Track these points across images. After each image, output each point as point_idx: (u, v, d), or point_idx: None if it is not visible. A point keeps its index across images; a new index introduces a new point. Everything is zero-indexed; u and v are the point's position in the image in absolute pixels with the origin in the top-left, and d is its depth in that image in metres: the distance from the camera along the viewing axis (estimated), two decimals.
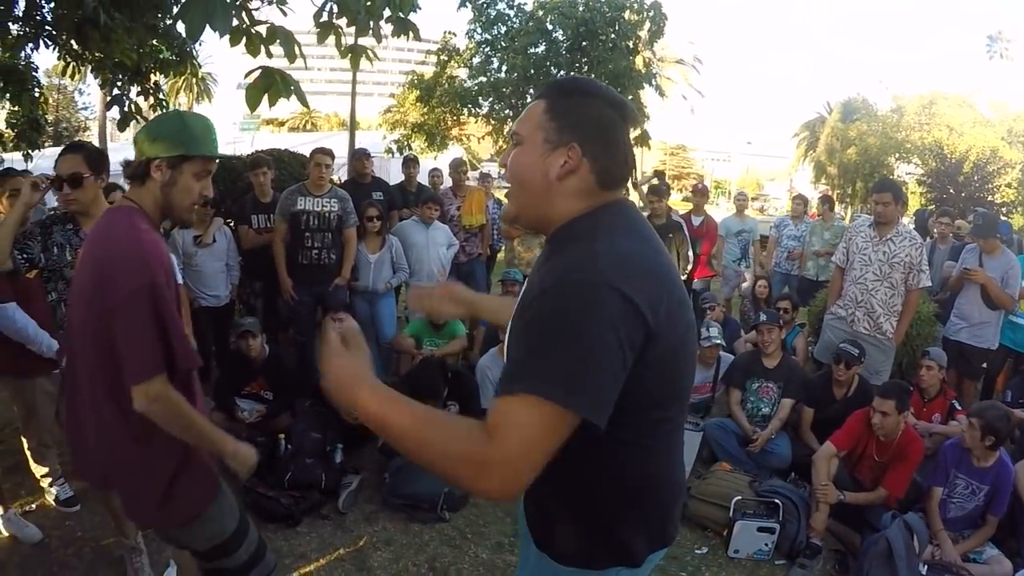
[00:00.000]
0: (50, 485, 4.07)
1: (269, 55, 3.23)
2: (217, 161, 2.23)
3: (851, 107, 32.17)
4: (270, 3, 3.49)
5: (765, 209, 38.64)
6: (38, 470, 4.02)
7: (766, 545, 3.84)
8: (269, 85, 3.01)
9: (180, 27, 7.04)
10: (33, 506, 4.07)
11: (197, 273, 5.30)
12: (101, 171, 3.11)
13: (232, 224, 5.88)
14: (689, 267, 7.05)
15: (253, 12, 3.20)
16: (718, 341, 5.33)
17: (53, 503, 4.06)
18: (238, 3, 2.96)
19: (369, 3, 3.30)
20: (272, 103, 3.20)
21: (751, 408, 4.99)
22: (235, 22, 2.97)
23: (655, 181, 11.60)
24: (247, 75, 3.06)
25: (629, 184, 7.39)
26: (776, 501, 3.92)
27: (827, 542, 3.96)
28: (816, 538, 3.84)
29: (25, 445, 4.02)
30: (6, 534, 3.76)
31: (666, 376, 1.39)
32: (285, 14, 3.54)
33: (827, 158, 31.97)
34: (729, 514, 3.90)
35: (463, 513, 4.12)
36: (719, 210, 14.52)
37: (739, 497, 3.94)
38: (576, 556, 1.52)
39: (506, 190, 1.73)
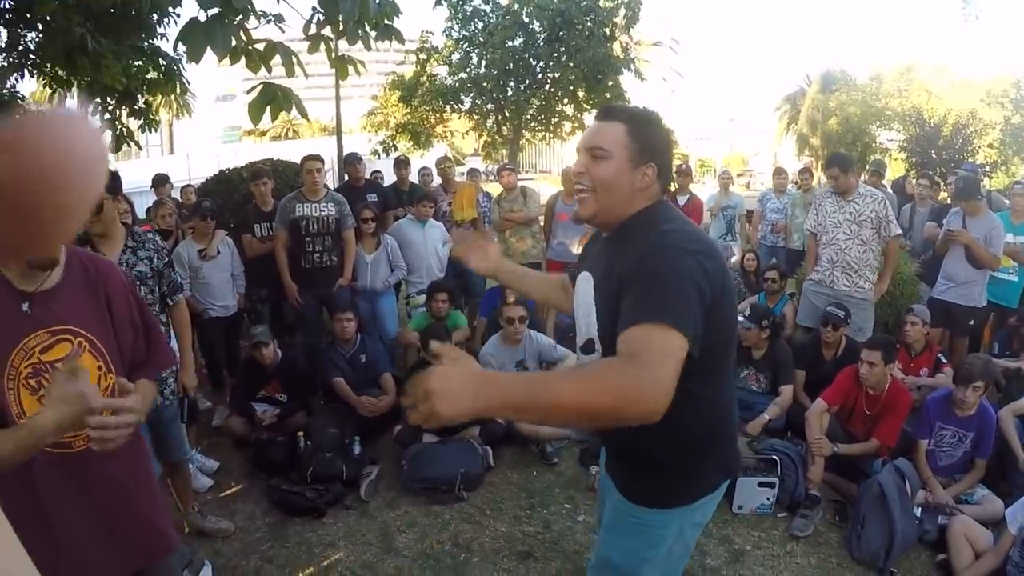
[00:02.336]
0: None
1: (268, 70, 3.35)
2: None
3: (830, 78, 32.22)
4: (268, 21, 3.62)
5: (751, 184, 38.68)
6: None
7: (768, 499, 4.04)
8: (271, 99, 3.14)
9: (166, 47, 7.27)
10: None
11: (204, 285, 5.44)
12: (117, 192, 3.25)
13: (234, 234, 6.03)
14: None
15: (251, 31, 3.32)
16: None
17: None
18: (235, 23, 3.09)
19: (360, 12, 3.42)
20: (274, 117, 3.34)
21: (739, 388, 5.13)
22: (233, 42, 3.10)
23: None
24: (248, 91, 3.19)
25: None
26: (774, 457, 4.12)
27: (825, 493, 4.16)
28: (814, 489, 4.03)
29: None
30: None
31: (724, 335, 1.76)
32: (283, 31, 3.66)
33: (809, 130, 32.01)
34: None
35: (480, 492, 4.31)
36: (705, 188, 14.62)
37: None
38: (662, 497, 1.89)
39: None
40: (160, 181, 8.50)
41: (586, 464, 4.52)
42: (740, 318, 5.07)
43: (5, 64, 7.07)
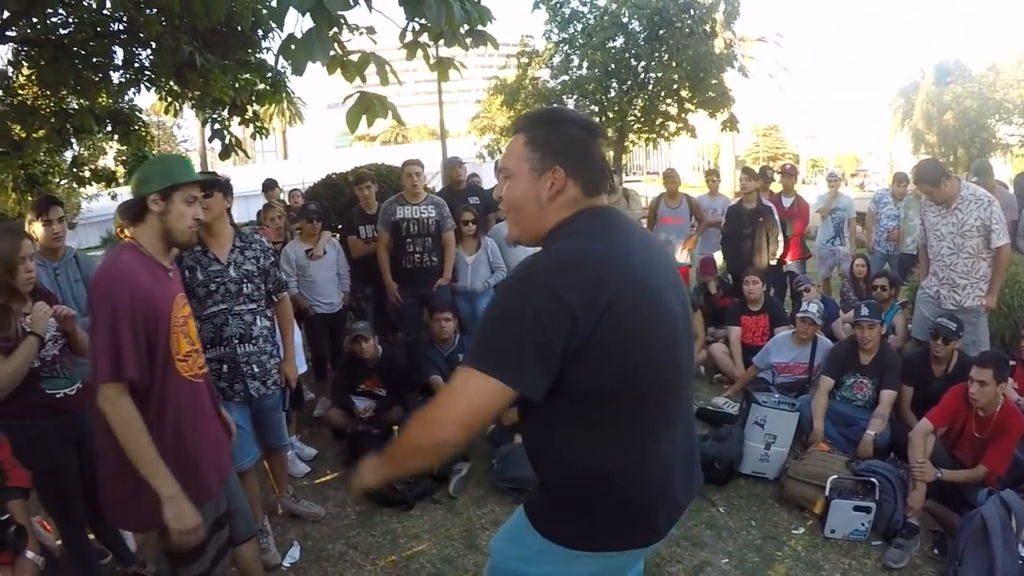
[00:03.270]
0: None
1: (363, 80, 3.46)
2: (200, 187, 2.53)
3: (944, 69, 30.53)
4: (360, 33, 3.75)
5: (865, 185, 37.03)
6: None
7: (863, 525, 3.80)
8: (367, 108, 3.24)
9: (271, 59, 7.64)
10: None
11: (311, 283, 5.68)
12: (228, 192, 3.49)
13: (341, 236, 6.28)
14: (779, 250, 7.02)
15: (345, 43, 3.44)
16: (811, 316, 5.31)
17: None
18: (331, 35, 3.21)
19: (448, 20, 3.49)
20: (370, 124, 3.45)
21: (843, 397, 4.93)
22: (332, 53, 3.22)
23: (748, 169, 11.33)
24: (344, 100, 3.31)
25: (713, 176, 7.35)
26: (872, 480, 3.87)
27: (924, 522, 3.87)
28: (913, 518, 3.77)
29: None
30: None
31: (615, 366, 1.51)
32: (375, 43, 3.79)
33: (925, 125, 30.51)
34: (825, 494, 3.88)
35: None
36: (817, 190, 14.07)
37: (835, 476, 3.93)
38: (543, 525, 1.70)
39: None
40: (269, 185, 8.90)
41: None
42: (860, 317, 4.84)
43: (123, 80, 7.65)
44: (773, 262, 7.04)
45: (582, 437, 1.58)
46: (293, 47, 2.92)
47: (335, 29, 3.22)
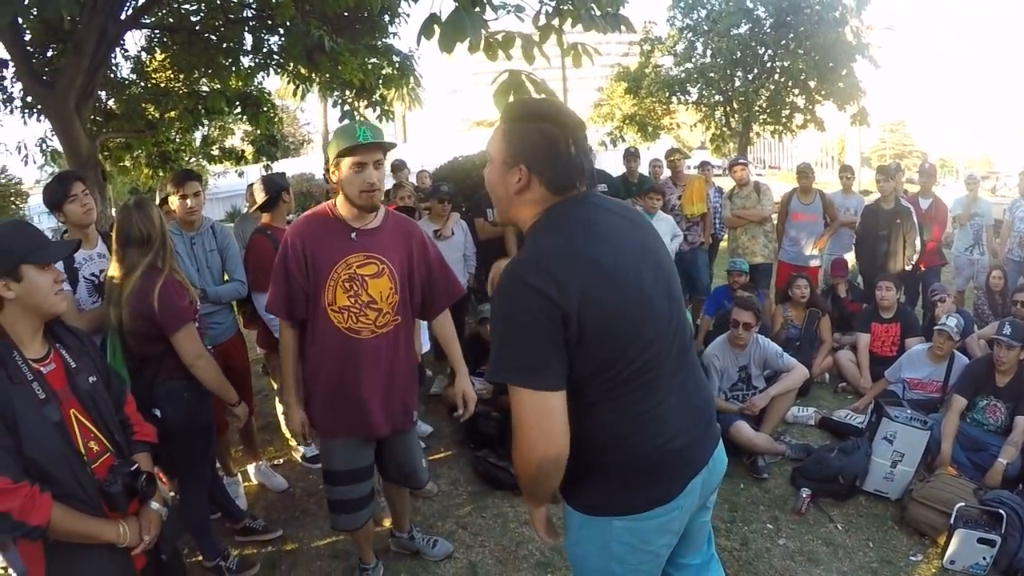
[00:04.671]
0: (298, 444, 4.67)
1: (508, 58, 3.44)
2: (378, 152, 2.66)
3: None
4: (508, 12, 3.72)
5: (997, 190, 34.61)
6: (288, 430, 4.63)
7: (984, 559, 3.52)
8: (516, 86, 3.22)
9: (399, 45, 7.82)
10: (281, 460, 4.81)
11: None
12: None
13: (467, 217, 6.33)
14: (915, 256, 6.63)
15: (489, 22, 3.41)
16: (949, 330, 4.95)
17: (300, 460, 4.77)
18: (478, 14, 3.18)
19: (594, 1, 3.41)
20: None
21: (973, 420, 4.58)
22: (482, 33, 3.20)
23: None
24: (494, 80, 3.29)
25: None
26: (1001, 512, 3.60)
27: None
28: None
29: (278, 410, 4.71)
30: (256, 482, 4.48)
31: (603, 348, 1.60)
32: (523, 20, 3.76)
33: None
34: (950, 521, 3.64)
35: None
36: (946, 192, 13.28)
37: (962, 504, 3.68)
38: (572, 500, 1.83)
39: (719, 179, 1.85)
40: (399, 167, 9.07)
41: (797, 485, 4.25)
42: (1001, 335, 4.49)
43: (252, 65, 7.98)
44: (908, 268, 6.66)
45: (584, 409, 1.65)
46: (440, 27, 2.92)
47: (477, 8, 3.18)
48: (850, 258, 7.32)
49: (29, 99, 7.88)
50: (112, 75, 8.60)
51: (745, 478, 4.44)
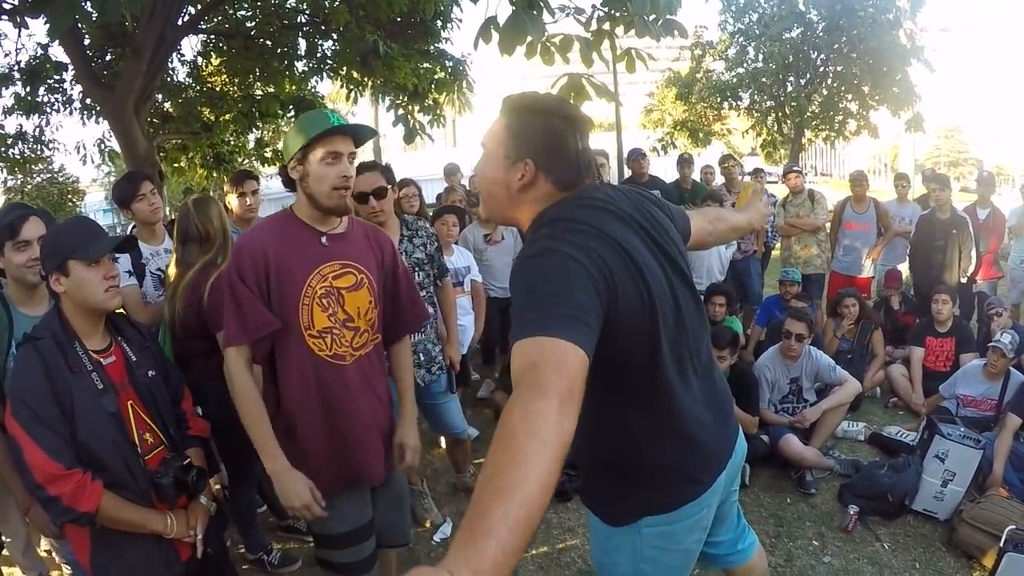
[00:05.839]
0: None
1: (566, 62, 3.44)
2: (344, 139, 2.20)
3: None
4: (567, 15, 3.73)
5: None
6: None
7: None
8: (577, 90, 3.23)
9: (451, 50, 7.89)
10: None
11: (487, 267, 5.77)
12: (394, 183, 3.50)
13: None
14: (971, 267, 6.47)
15: (546, 25, 3.42)
16: (1003, 347, 4.80)
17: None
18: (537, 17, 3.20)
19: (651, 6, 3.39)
20: (579, 106, 3.41)
21: None
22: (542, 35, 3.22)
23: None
24: (554, 84, 3.30)
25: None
26: None
27: None
28: None
29: None
30: None
31: (632, 339, 1.51)
32: (580, 23, 3.77)
33: None
34: (999, 544, 3.52)
35: None
36: (1003, 201, 12.90)
37: (1013, 527, 3.56)
38: (599, 509, 1.76)
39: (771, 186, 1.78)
40: (451, 171, 9.16)
41: (844, 502, 4.18)
42: None
43: (306, 69, 8.15)
44: (963, 280, 6.51)
45: (610, 414, 1.59)
46: (498, 30, 2.94)
47: (534, 11, 3.20)
48: (903, 268, 7.18)
49: (88, 101, 8.15)
50: (169, 79, 8.89)
51: (792, 492, 4.38)
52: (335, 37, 7.45)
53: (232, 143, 10.45)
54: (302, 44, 8.10)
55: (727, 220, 2.27)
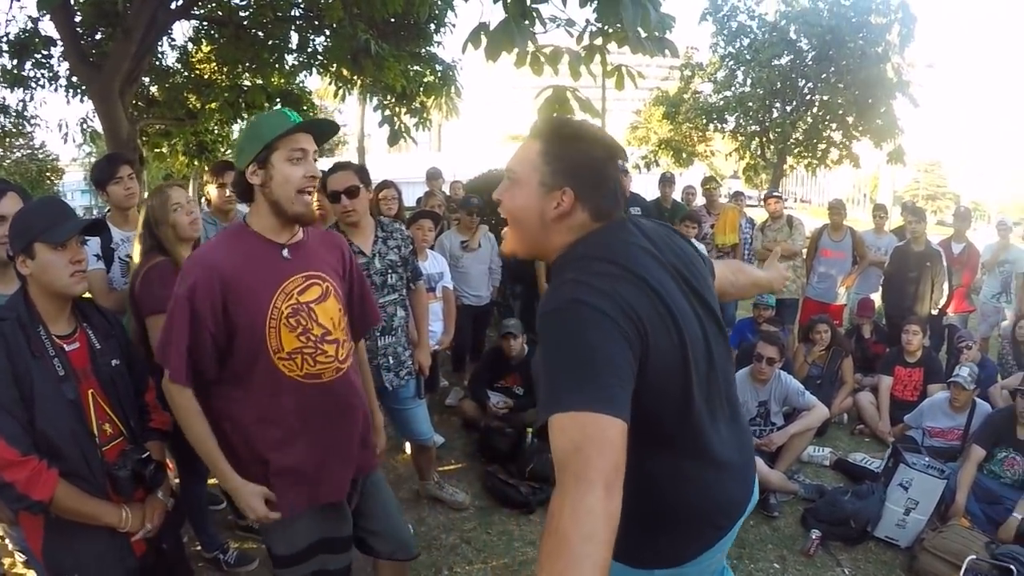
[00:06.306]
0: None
1: (556, 73, 3.43)
2: (307, 136, 2.05)
3: None
4: (558, 26, 3.73)
5: None
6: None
7: None
8: (561, 102, 3.22)
9: (442, 53, 7.88)
10: None
11: (463, 275, 5.79)
12: (368, 184, 3.47)
13: (496, 230, 6.34)
14: (943, 300, 6.57)
15: (537, 35, 3.42)
16: (961, 381, 4.87)
17: None
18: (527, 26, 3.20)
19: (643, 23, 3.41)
20: None
21: (990, 472, 4.50)
22: (529, 45, 3.22)
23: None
24: (538, 95, 3.30)
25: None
26: (1011, 567, 3.53)
27: None
28: None
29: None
30: None
31: (664, 389, 1.44)
32: (572, 35, 3.77)
33: None
34: (960, 573, 3.59)
35: None
36: (978, 236, 13.10)
37: (973, 557, 3.63)
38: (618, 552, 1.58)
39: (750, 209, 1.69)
40: (434, 175, 9.13)
41: (807, 526, 4.20)
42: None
43: (296, 63, 8.12)
44: (935, 312, 6.60)
45: (638, 457, 1.40)
46: (487, 36, 2.93)
47: (527, 21, 3.20)
48: (876, 298, 7.26)
49: (74, 79, 8.06)
50: (158, 63, 8.80)
51: (755, 515, 4.37)
52: (328, 33, 7.42)
53: (216, 132, 10.38)
54: (294, 37, 8.06)
55: (749, 274, 2.24)
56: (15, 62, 7.91)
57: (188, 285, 1.98)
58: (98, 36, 7.85)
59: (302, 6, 7.78)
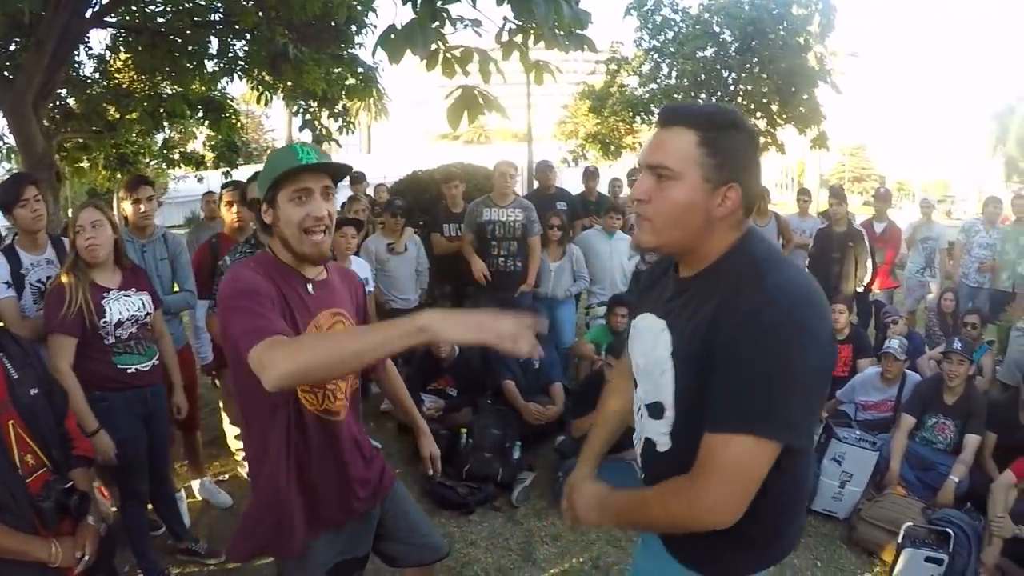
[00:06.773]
0: (244, 459, 4.60)
1: (465, 75, 3.42)
2: (315, 175, 1.96)
3: None
4: (465, 26, 3.72)
5: (952, 213, 35.55)
6: (234, 444, 4.57)
7: None
8: (469, 104, 3.21)
9: (364, 56, 7.79)
10: (226, 476, 4.71)
11: (389, 278, 5.74)
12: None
13: (423, 232, 6.33)
14: (867, 277, 6.77)
15: (447, 36, 3.40)
16: (893, 352, 5.01)
17: (245, 475, 4.62)
18: (434, 28, 3.18)
19: (556, 20, 3.41)
20: (472, 120, 3.40)
21: (922, 439, 4.66)
22: (432, 46, 3.19)
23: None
24: (447, 96, 3.28)
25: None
26: (948, 531, 3.64)
27: None
28: (986, 574, 3.54)
29: (225, 422, 4.64)
30: (200, 498, 4.38)
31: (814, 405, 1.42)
32: (480, 36, 3.76)
33: (1020, 152, 29.20)
34: (898, 540, 3.69)
35: None
36: (902, 214, 13.54)
37: (910, 523, 3.72)
38: (711, 569, 1.55)
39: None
40: (357, 179, 8.99)
41: None
42: (951, 349, 4.59)
43: (216, 69, 7.92)
44: (860, 289, 6.80)
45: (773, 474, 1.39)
46: (393, 37, 2.91)
47: (436, 22, 3.18)
48: None
49: None
50: (74, 73, 8.49)
51: None
52: (248, 38, 7.28)
53: (138, 144, 10.07)
54: (214, 43, 7.86)
55: None
56: None
57: (254, 283, 1.87)
58: (12, 48, 7.55)
59: (221, 11, 7.60)
